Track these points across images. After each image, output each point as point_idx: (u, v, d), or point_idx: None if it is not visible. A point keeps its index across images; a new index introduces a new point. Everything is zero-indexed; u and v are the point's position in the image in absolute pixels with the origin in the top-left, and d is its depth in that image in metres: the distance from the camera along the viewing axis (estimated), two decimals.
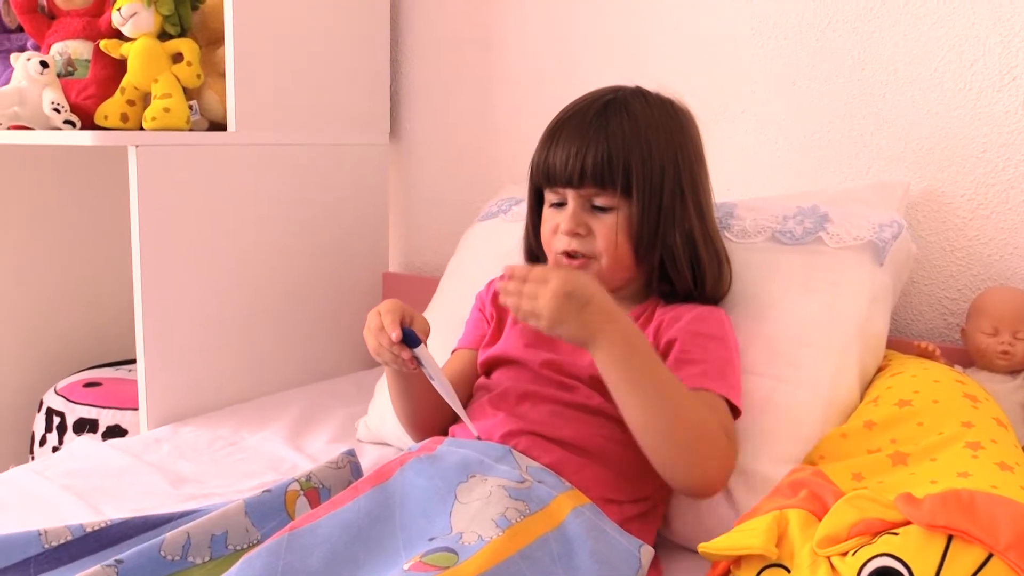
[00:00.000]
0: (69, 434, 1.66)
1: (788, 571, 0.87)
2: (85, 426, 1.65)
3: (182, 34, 1.53)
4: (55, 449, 1.67)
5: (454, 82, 1.82)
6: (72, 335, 2.07)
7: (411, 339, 1.01)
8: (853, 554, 0.84)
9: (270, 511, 1.08)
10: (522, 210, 1.31)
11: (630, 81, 1.15)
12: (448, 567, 0.83)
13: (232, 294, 1.56)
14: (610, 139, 1.06)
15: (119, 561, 0.94)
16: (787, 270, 1.20)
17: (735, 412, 1.05)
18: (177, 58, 1.51)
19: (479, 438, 1.06)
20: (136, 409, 1.65)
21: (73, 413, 1.68)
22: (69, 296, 2.07)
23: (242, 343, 1.59)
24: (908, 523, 0.84)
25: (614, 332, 0.95)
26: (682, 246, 1.08)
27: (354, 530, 0.93)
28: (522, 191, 1.54)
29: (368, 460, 1.25)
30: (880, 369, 1.20)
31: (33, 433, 1.76)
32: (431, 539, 0.91)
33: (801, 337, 1.15)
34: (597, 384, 1.05)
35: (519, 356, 1.13)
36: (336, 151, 1.71)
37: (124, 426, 1.65)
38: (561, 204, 1.10)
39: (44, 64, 1.46)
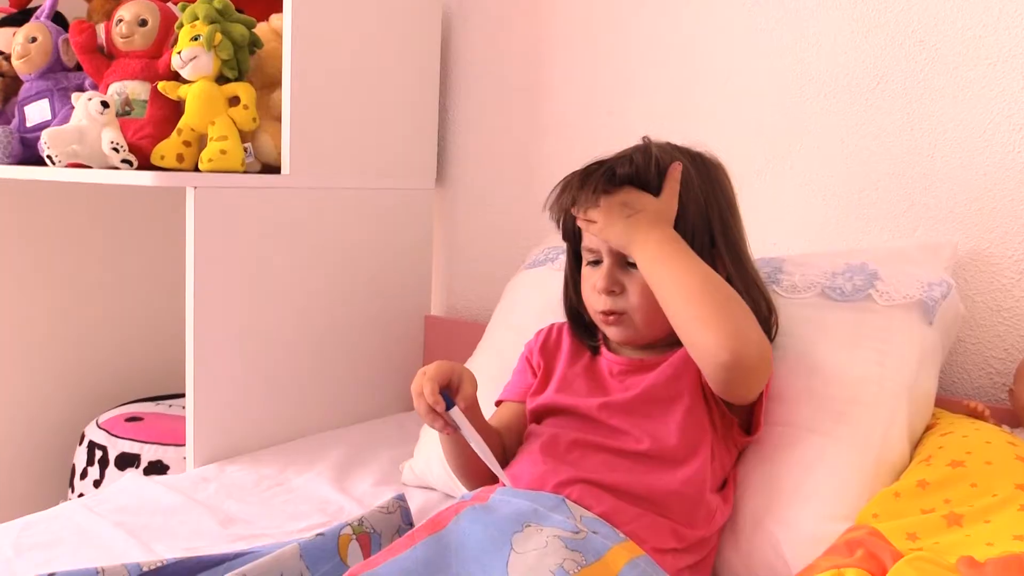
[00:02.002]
0: (111, 468, 1.67)
1: None
2: (127, 460, 1.67)
3: (239, 78, 1.56)
4: (97, 483, 1.69)
5: (501, 129, 1.85)
6: (113, 369, 2.10)
7: (447, 403, 1.05)
8: None
9: (323, 555, 1.09)
10: None
11: (678, 134, 1.17)
12: None
13: (278, 334, 1.58)
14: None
15: None
16: (837, 327, 1.21)
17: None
18: (233, 101, 1.54)
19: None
20: (177, 445, 1.67)
21: (115, 447, 1.69)
22: (112, 330, 2.10)
23: (286, 383, 1.60)
24: None
25: (657, 236, 1.05)
26: None
27: None
28: None
29: (414, 504, 1.26)
30: (928, 428, 1.20)
31: (74, 466, 1.77)
32: None
33: (852, 395, 1.15)
34: (646, 420, 1.08)
35: (570, 404, 1.15)
36: (383, 195, 1.73)
37: (166, 462, 1.66)
38: (598, 262, 1.13)
39: (105, 104, 1.49)
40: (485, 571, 0.94)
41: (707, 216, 1.11)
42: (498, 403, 1.27)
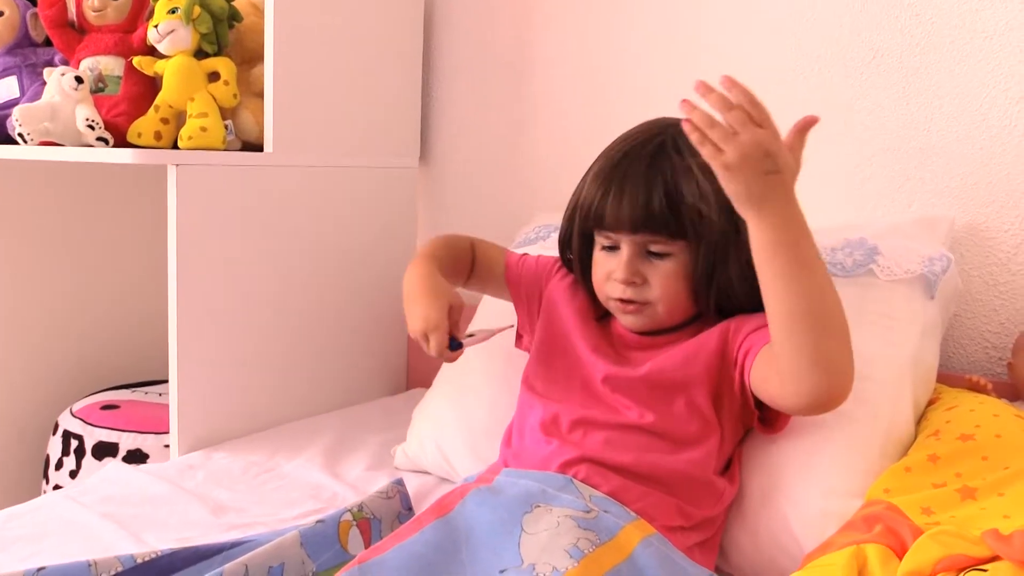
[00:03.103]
0: (88, 458, 1.62)
1: None
2: (105, 450, 1.61)
3: (218, 53, 1.51)
4: (73, 473, 1.63)
5: (486, 107, 1.82)
6: (86, 356, 2.03)
7: (454, 346, 1.11)
8: None
9: (324, 542, 1.06)
10: None
11: (671, 110, 1.14)
12: None
13: (261, 317, 1.53)
14: (667, 185, 1.04)
15: None
16: None
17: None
18: (213, 77, 1.49)
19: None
20: (157, 433, 1.63)
21: (92, 436, 1.63)
22: (84, 316, 2.03)
23: (270, 367, 1.56)
24: (995, 559, 0.84)
25: (790, 210, 0.90)
26: (738, 281, 1.07)
27: (423, 562, 0.91)
28: (558, 218, 1.54)
29: (410, 488, 1.23)
30: (931, 403, 1.20)
31: (48, 456, 1.71)
32: (502, 571, 0.89)
33: (857, 370, 1.14)
34: (650, 398, 1.06)
35: (574, 367, 1.14)
36: (366, 174, 1.69)
37: (146, 450, 1.61)
38: (613, 248, 1.10)
39: (79, 80, 1.43)
40: (497, 554, 0.92)
41: (730, 204, 1.07)
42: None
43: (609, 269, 1.09)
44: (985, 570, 0.82)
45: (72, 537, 1.13)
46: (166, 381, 1.98)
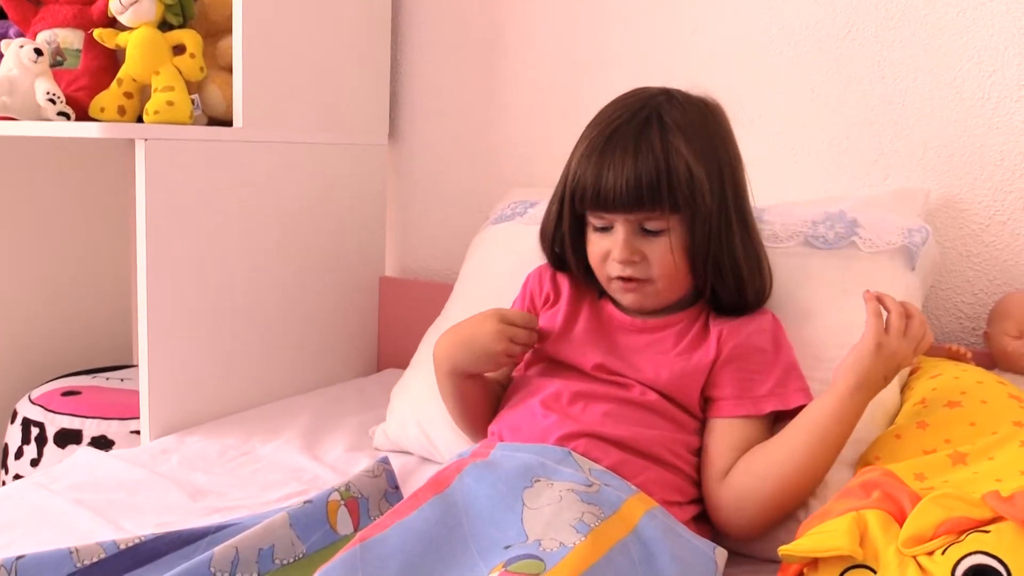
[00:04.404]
0: (50, 446, 1.56)
1: (873, 572, 0.87)
2: (68, 437, 1.56)
3: (183, 25, 1.46)
4: (35, 462, 1.57)
5: (457, 82, 1.79)
6: (43, 341, 1.96)
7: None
8: (942, 552, 0.84)
9: (312, 523, 1.04)
10: (538, 213, 1.27)
11: (645, 83, 1.13)
12: (538, 574, 0.80)
13: (230, 298, 1.49)
14: (656, 161, 1.02)
15: None
16: (822, 274, 1.21)
17: None
18: (178, 50, 1.44)
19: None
20: (122, 419, 1.58)
21: (54, 424, 1.58)
22: (41, 300, 1.96)
23: (241, 349, 1.52)
24: (996, 520, 0.85)
25: (865, 396, 1.01)
26: (729, 257, 1.07)
27: (426, 539, 0.89)
28: (534, 194, 1.53)
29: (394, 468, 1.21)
30: (912, 372, 1.21)
31: (7, 445, 1.65)
32: (506, 547, 0.88)
33: (844, 341, 1.14)
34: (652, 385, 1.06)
35: (571, 356, 1.12)
36: (335, 150, 1.65)
37: (111, 437, 1.56)
38: (606, 228, 1.08)
39: (39, 52, 1.38)
40: (500, 529, 0.91)
41: (721, 175, 1.07)
42: None
43: (605, 249, 1.08)
44: (988, 531, 0.83)
45: (45, 525, 1.09)
46: (127, 366, 1.93)
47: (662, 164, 1.02)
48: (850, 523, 0.91)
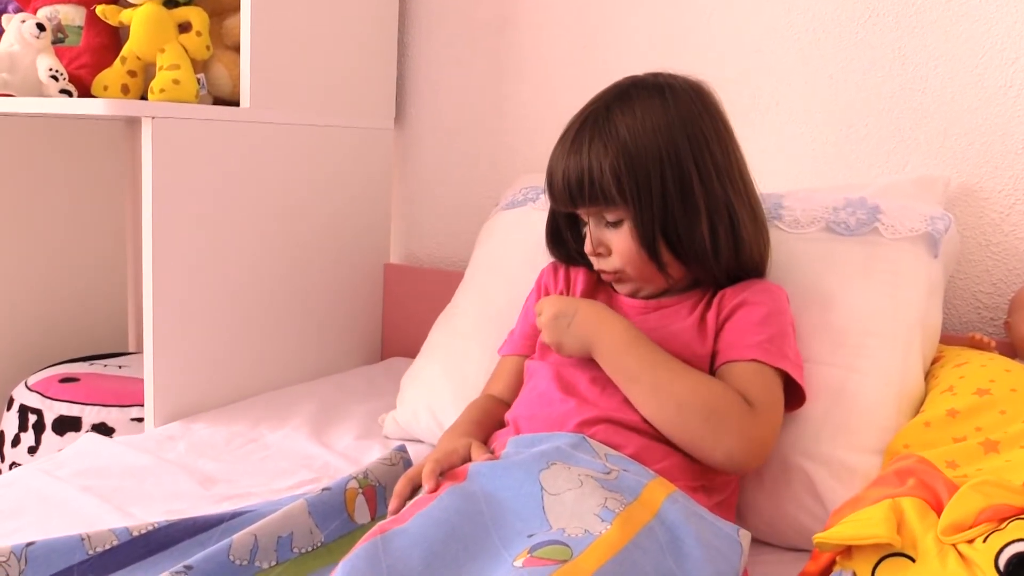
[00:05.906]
0: (48, 433, 1.52)
1: (911, 560, 0.85)
2: (67, 424, 1.52)
3: (188, 2, 1.43)
4: (32, 449, 1.54)
5: (464, 66, 1.76)
6: (40, 328, 1.91)
7: None
8: (984, 540, 0.82)
9: (331, 511, 1.01)
10: None
11: (655, 65, 1.11)
12: (565, 560, 0.78)
13: (235, 283, 1.46)
14: (580, 160, 1.03)
15: (188, 568, 0.86)
16: (845, 261, 1.19)
17: (797, 392, 1.04)
18: (184, 27, 1.40)
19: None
20: (122, 406, 1.54)
21: (52, 411, 1.54)
22: (37, 287, 1.91)
23: (245, 335, 1.49)
24: None
25: (605, 336, 1.01)
26: (695, 236, 1.04)
27: (447, 527, 0.86)
28: (542, 180, 1.50)
29: None
30: (935, 361, 1.20)
31: (3, 432, 1.61)
32: (530, 535, 0.86)
33: (867, 328, 1.14)
34: None
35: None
36: (341, 133, 1.62)
37: (111, 424, 1.52)
38: (586, 222, 1.09)
39: (41, 27, 1.34)
40: (522, 518, 0.88)
41: (675, 156, 1.03)
42: (504, 356, 1.21)
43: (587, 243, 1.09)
44: None
45: (52, 512, 1.06)
46: (124, 353, 1.89)
47: (584, 163, 1.03)
48: (887, 510, 0.89)
